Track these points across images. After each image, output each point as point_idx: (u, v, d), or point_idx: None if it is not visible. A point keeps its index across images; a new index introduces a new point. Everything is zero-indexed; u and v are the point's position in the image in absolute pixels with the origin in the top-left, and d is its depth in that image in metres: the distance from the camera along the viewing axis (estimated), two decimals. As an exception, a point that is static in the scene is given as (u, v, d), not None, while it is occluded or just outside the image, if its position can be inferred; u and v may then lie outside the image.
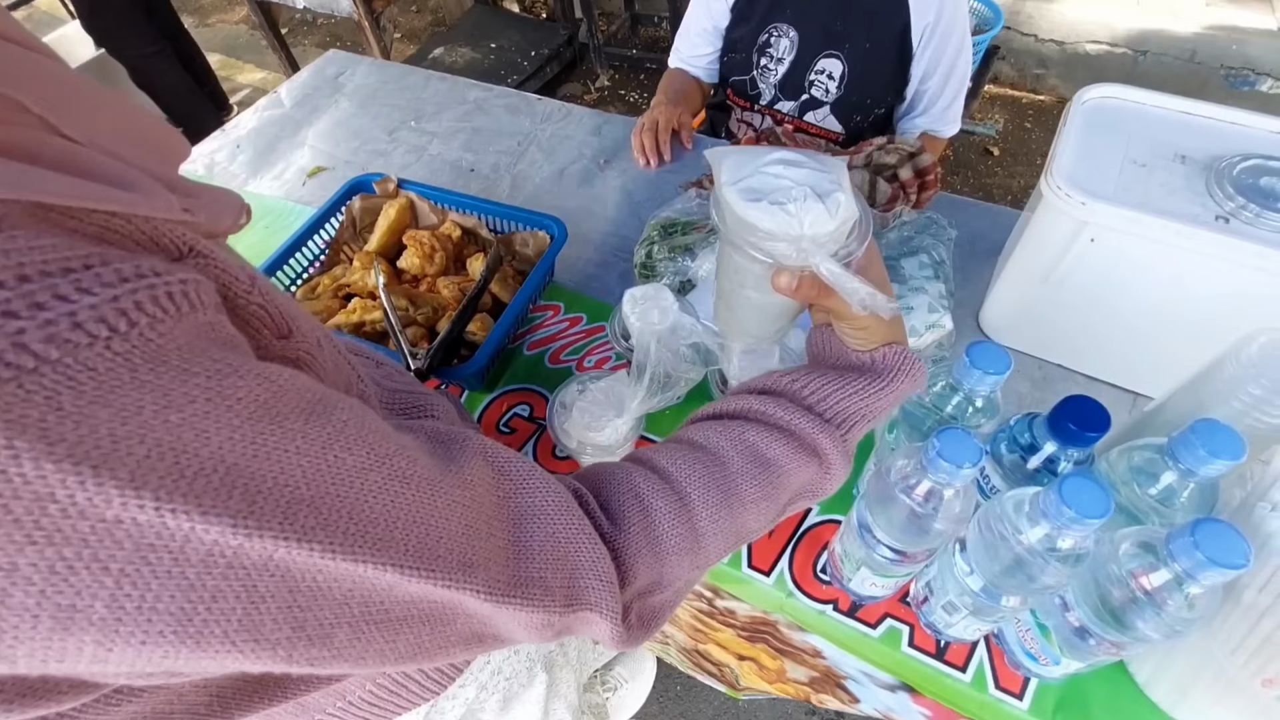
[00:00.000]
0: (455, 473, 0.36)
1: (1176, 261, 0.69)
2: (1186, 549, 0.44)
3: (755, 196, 0.42)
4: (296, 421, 0.29)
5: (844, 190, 0.42)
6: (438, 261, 0.98)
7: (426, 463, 0.34)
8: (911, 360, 0.48)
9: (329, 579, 0.29)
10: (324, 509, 0.28)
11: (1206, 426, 0.48)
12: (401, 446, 0.33)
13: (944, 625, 0.65)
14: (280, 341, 0.35)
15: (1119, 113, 0.79)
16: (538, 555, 0.38)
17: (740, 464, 0.46)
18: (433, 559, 0.32)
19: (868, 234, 0.44)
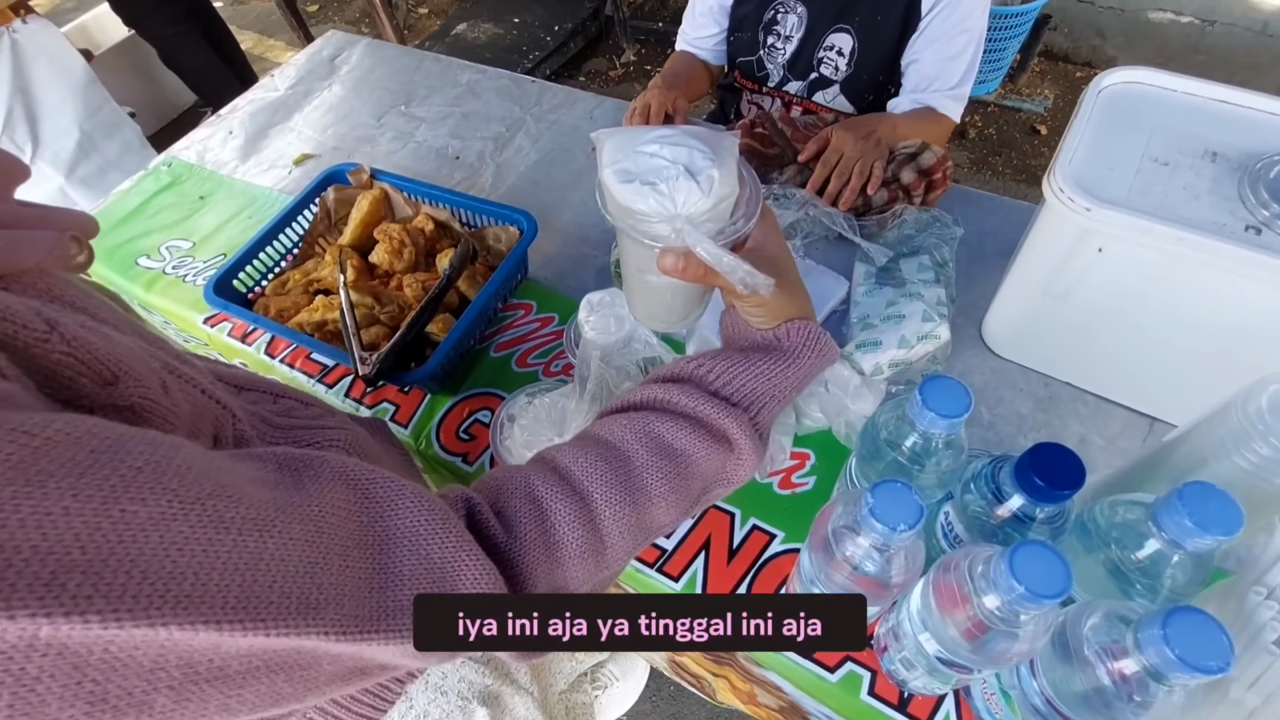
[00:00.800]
0: (301, 504, 0.32)
1: (1197, 276, 0.60)
2: (1156, 643, 0.38)
3: (629, 178, 0.40)
4: (66, 479, 0.25)
5: (720, 166, 0.40)
6: (406, 257, 0.95)
7: (258, 498, 0.31)
8: (816, 335, 0.47)
9: (126, 648, 0.26)
10: (105, 573, 0.25)
11: (1197, 492, 0.41)
12: (221, 486, 0.30)
13: (904, 677, 0.59)
14: (105, 389, 0.32)
15: (1143, 101, 0.69)
16: (407, 582, 0.35)
17: (645, 457, 0.44)
18: (261, 607, 0.29)
19: (756, 209, 0.43)
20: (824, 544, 0.48)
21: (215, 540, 0.28)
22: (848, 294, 0.88)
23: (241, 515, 0.29)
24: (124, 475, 0.27)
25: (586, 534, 0.41)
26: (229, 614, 0.27)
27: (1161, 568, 0.45)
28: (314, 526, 0.32)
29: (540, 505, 0.41)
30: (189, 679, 0.28)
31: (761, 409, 0.46)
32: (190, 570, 0.27)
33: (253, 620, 0.28)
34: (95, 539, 0.25)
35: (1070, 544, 0.51)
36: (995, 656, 0.46)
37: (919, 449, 0.51)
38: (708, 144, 0.40)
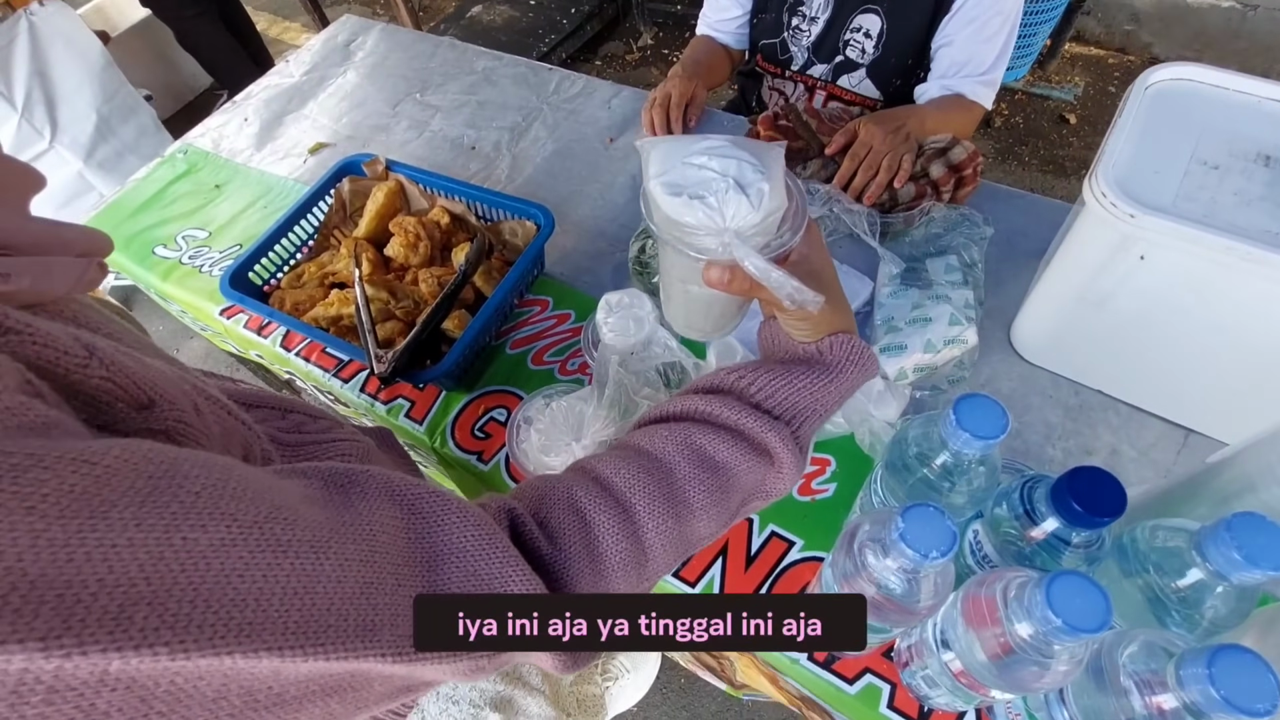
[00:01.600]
0: (352, 522, 0.32)
1: (1245, 288, 0.57)
2: (1200, 681, 0.36)
3: (677, 190, 0.39)
4: (129, 509, 0.25)
5: (770, 180, 0.39)
6: (422, 251, 0.93)
7: (312, 519, 0.31)
8: (859, 349, 0.46)
9: (191, 678, 0.26)
10: (170, 603, 0.25)
11: (1246, 524, 0.39)
12: (277, 508, 0.29)
13: (925, 694, 0.58)
14: (140, 413, 0.32)
15: (1192, 99, 0.65)
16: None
17: (687, 469, 0.43)
18: (321, 632, 0.28)
19: (802, 223, 0.43)
20: (850, 564, 0.47)
21: (275, 564, 0.28)
22: (872, 295, 0.86)
23: (298, 537, 0.29)
24: (184, 501, 0.26)
25: (630, 546, 0.41)
26: (290, 639, 0.27)
27: (1203, 598, 0.43)
28: (367, 546, 0.32)
29: (584, 517, 0.41)
30: (249, 706, 0.28)
31: (803, 423, 0.45)
32: (251, 596, 0.27)
33: (314, 645, 0.28)
34: (159, 569, 0.25)
35: (1106, 567, 0.49)
36: (1023, 683, 0.44)
37: (950, 467, 0.49)
38: (756, 156, 0.40)
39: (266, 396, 0.52)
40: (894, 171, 0.89)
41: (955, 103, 1.03)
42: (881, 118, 0.96)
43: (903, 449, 0.52)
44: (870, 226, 0.87)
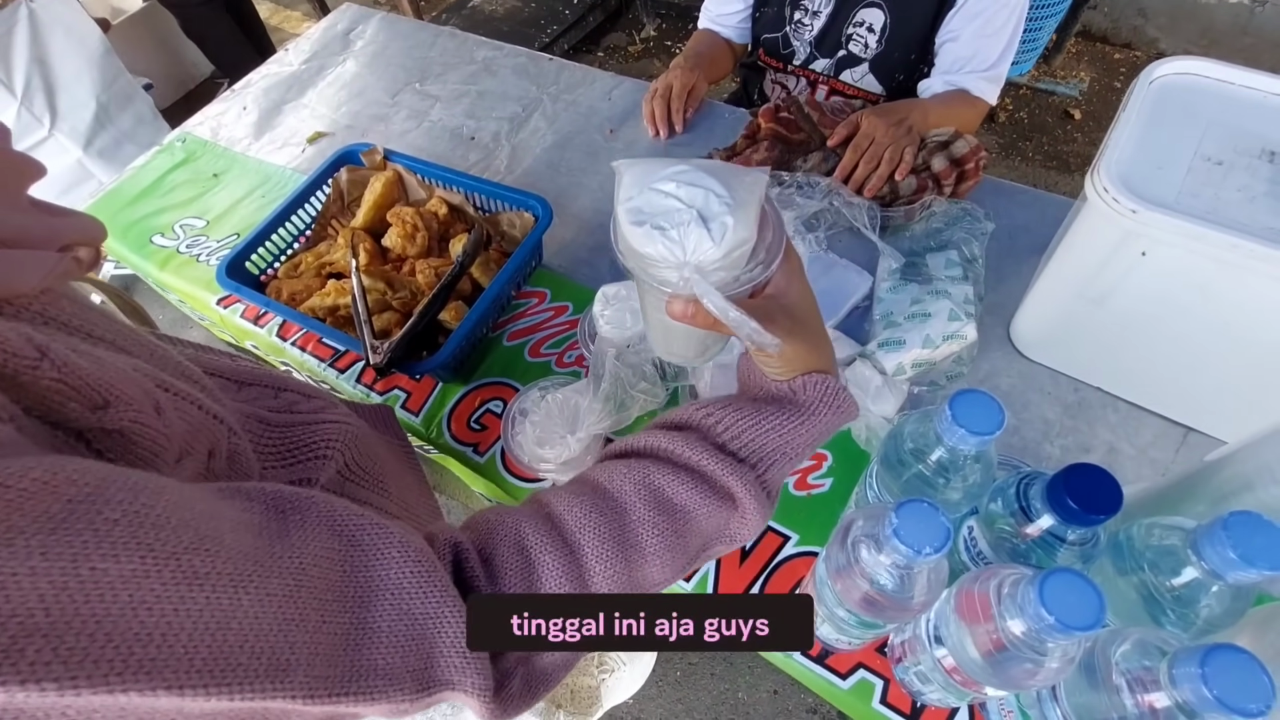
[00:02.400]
0: (283, 554, 0.31)
1: (1247, 285, 0.57)
2: (1192, 680, 0.36)
3: (641, 219, 0.37)
4: (37, 536, 0.24)
5: (737, 212, 0.37)
6: (419, 242, 0.93)
7: (240, 549, 0.30)
8: (834, 391, 0.43)
9: (85, 710, 0.25)
10: (68, 637, 0.24)
11: (1244, 522, 0.39)
12: (201, 538, 0.28)
13: (918, 689, 0.58)
14: (95, 413, 0.31)
15: (1197, 94, 0.65)
16: (385, 639, 0.34)
17: (642, 510, 0.42)
18: (229, 670, 0.28)
19: (777, 255, 0.40)
20: (844, 559, 0.47)
21: (188, 598, 0.27)
22: (871, 290, 0.85)
23: (218, 570, 0.28)
24: (98, 529, 0.25)
25: (574, 589, 0.40)
26: (194, 678, 0.26)
27: (1199, 597, 0.43)
28: (294, 581, 0.31)
29: (528, 556, 0.40)
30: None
31: (770, 466, 0.43)
32: (158, 631, 0.26)
33: (218, 684, 0.27)
34: (60, 601, 0.24)
35: (1101, 565, 0.49)
36: (1016, 680, 0.44)
37: (945, 463, 0.49)
38: (728, 184, 0.38)
39: (262, 374, 0.51)
40: (895, 164, 0.88)
41: (959, 98, 1.02)
42: (884, 110, 0.95)
43: (898, 444, 0.52)
44: (870, 220, 0.86)
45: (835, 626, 0.55)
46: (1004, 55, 1.00)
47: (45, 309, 0.35)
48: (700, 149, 1.04)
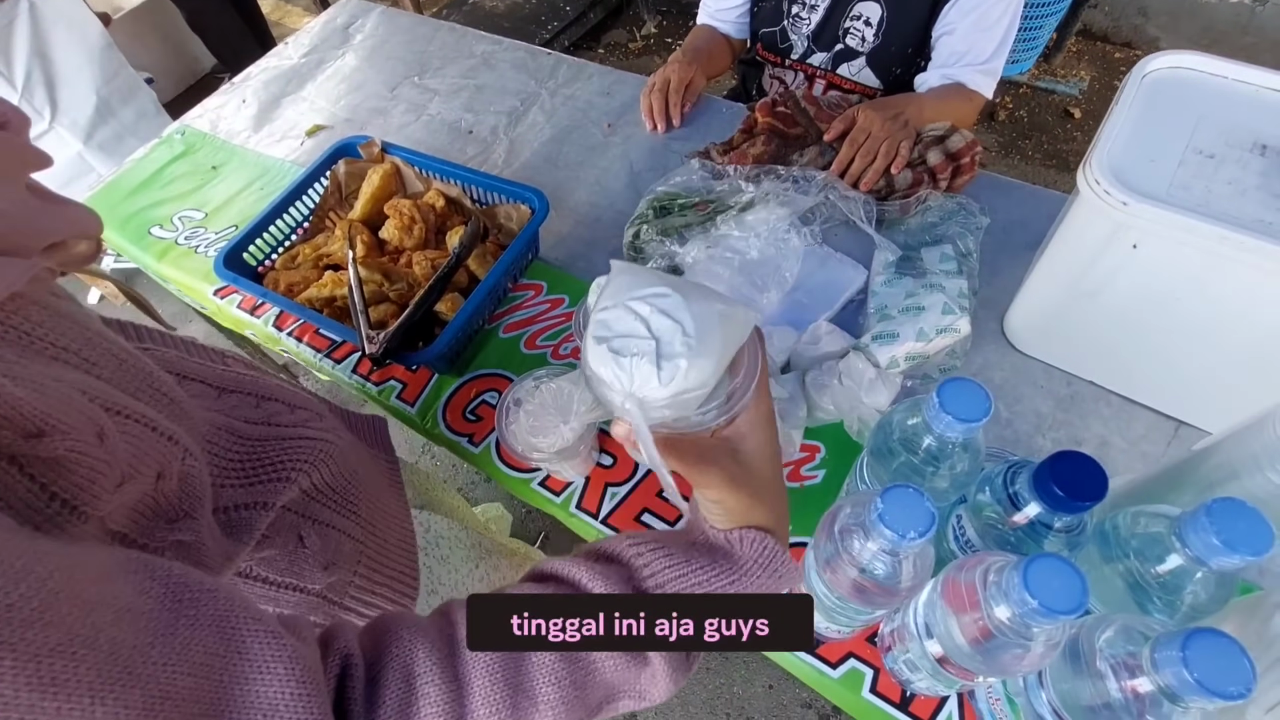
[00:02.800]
0: (158, 658, 0.29)
1: (1238, 278, 0.57)
2: (1174, 664, 0.36)
3: (602, 335, 0.36)
4: None
5: (698, 357, 0.35)
6: (416, 234, 0.93)
7: (113, 648, 0.28)
8: (773, 553, 0.40)
9: None
10: None
11: (1226, 509, 0.39)
12: (71, 638, 0.27)
13: (907, 678, 0.58)
14: (29, 441, 0.30)
15: (1190, 88, 0.65)
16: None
17: (544, 654, 0.39)
18: None
19: (737, 404, 0.38)
20: (831, 545, 0.47)
21: (38, 706, 0.25)
22: (866, 283, 0.86)
23: (79, 677, 0.26)
24: None
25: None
26: None
27: (1183, 584, 0.43)
28: (159, 692, 0.29)
29: (412, 686, 0.37)
30: None
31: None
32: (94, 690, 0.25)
33: None
34: None
35: (1088, 553, 0.49)
36: (1002, 666, 0.44)
37: (934, 451, 0.49)
38: (704, 323, 0.36)
39: (246, 382, 0.50)
40: (891, 158, 0.89)
41: (955, 91, 1.02)
42: (880, 104, 0.95)
43: (887, 433, 0.52)
44: (866, 214, 0.87)
45: (825, 614, 0.55)
46: (1000, 49, 1.01)
47: (7, 318, 0.34)
48: (698, 143, 1.04)
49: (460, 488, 1.73)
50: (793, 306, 0.84)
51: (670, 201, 0.94)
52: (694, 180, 0.97)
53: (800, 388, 0.74)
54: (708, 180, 0.97)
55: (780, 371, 0.76)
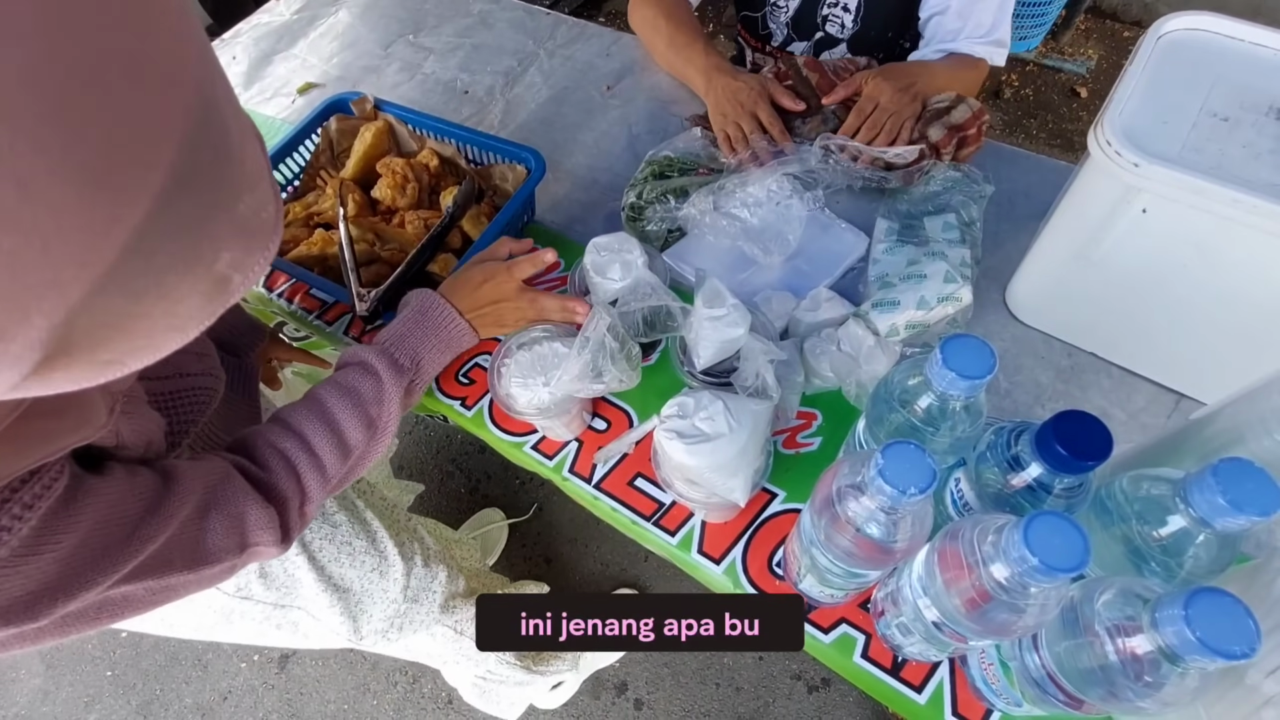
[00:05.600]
0: (168, 501, 0.48)
1: (1248, 245, 0.56)
2: (1176, 623, 0.35)
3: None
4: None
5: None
6: (409, 193, 0.91)
7: (144, 504, 0.46)
8: (424, 295, 0.70)
9: (115, 599, 0.46)
10: (113, 557, 0.43)
11: (1233, 469, 0.38)
12: (147, 506, 0.47)
13: (899, 643, 0.58)
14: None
15: (1206, 50, 0.63)
16: (219, 532, 0.51)
17: (333, 398, 0.62)
18: (157, 566, 0.47)
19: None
20: (828, 504, 0.46)
21: (156, 535, 0.46)
22: (867, 251, 0.84)
23: (150, 528, 0.45)
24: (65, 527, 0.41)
25: (309, 459, 0.59)
26: (147, 573, 0.46)
27: (1185, 547, 0.43)
28: (175, 519, 0.47)
29: (279, 449, 0.58)
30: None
31: (392, 344, 0.66)
32: (126, 554, 0.43)
33: (154, 574, 0.46)
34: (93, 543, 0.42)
35: (1085, 518, 0.48)
36: (998, 628, 0.44)
37: (935, 411, 0.48)
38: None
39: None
40: (893, 136, 0.86)
41: (963, 61, 0.99)
42: (891, 72, 0.92)
43: (888, 391, 0.51)
44: (869, 180, 0.85)
45: (818, 578, 0.55)
46: (999, 18, 0.96)
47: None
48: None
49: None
50: (793, 273, 0.82)
51: (669, 166, 0.92)
52: (694, 145, 0.95)
53: (798, 354, 0.73)
54: (708, 147, 0.95)
55: (780, 338, 0.75)
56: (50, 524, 0.38)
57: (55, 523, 0.38)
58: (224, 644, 1.54)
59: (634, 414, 0.76)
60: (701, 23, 1.08)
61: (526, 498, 1.63)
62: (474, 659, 1.06)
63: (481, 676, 1.16)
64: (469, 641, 1.02)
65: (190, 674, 1.53)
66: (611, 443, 0.69)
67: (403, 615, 0.85)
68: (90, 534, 0.40)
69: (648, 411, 0.76)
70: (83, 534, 0.40)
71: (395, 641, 0.87)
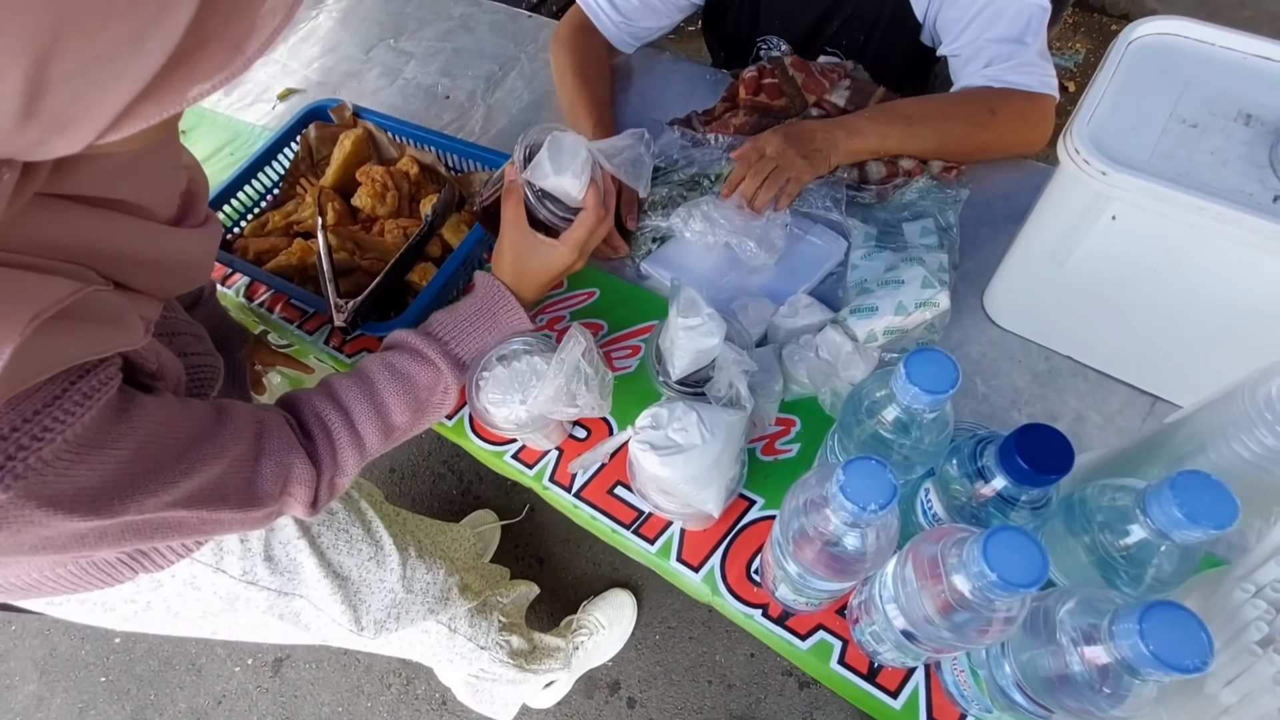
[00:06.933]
0: (222, 434, 0.52)
1: (1217, 250, 0.56)
2: (1130, 637, 0.36)
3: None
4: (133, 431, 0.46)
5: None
6: (389, 201, 0.91)
7: (197, 434, 0.50)
8: (491, 283, 0.70)
9: (157, 520, 0.48)
10: (158, 480, 0.46)
11: (1190, 482, 0.38)
12: (205, 435, 0.51)
13: (874, 649, 0.58)
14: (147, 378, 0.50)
15: (1177, 55, 0.63)
16: (268, 477, 0.55)
17: (384, 379, 0.63)
18: (212, 498, 0.51)
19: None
20: (796, 519, 0.47)
21: (210, 460, 0.50)
22: (845, 256, 0.84)
23: (204, 453, 0.50)
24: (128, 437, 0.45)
25: (350, 434, 0.61)
26: (202, 504, 0.50)
27: (1147, 557, 0.43)
28: (225, 453, 0.51)
29: (322, 419, 0.61)
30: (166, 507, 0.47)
31: (452, 339, 0.67)
32: (195, 484, 0.48)
33: (209, 506, 0.50)
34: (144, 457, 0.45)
35: (1054, 526, 0.49)
36: (964, 638, 0.44)
37: (902, 422, 0.48)
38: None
39: (167, 324, 0.64)
40: (774, 192, 0.80)
41: (987, 103, 0.81)
42: (791, 134, 0.83)
43: (857, 404, 0.51)
44: (835, 202, 0.85)
45: (791, 587, 0.55)
46: (1022, 40, 0.81)
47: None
48: (679, 111, 1.01)
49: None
50: (772, 278, 0.83)
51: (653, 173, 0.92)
52: (673, 149, 0.95)
53: (777, 360, 0.73)
54: (687, 149, 0.95)
55: (756, 345, 0.75)
56: (108, 425, 0.42)
57: (113, 426, 0.42)
58: (218, 648, 1.54)
59: (614, 423, 0.77)
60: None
61: (518, 499, 1.64)
62: (467, 656, 1.07)
63: (474, 675, 1.17)
64: (462, 639, 1.02)
65: (184, 678, 1.53)
66: (586, 453, 0.69)
67: (400, 605, 0.86)
68: (145, 444, 0.44)
69: (627, 420, 0.76)
70: (138, 441, 0.44)
71: (394, 632, 0.87)
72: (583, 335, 0.63)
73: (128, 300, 0.45)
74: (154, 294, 0.50)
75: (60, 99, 0.27)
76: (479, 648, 1.06)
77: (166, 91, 0.29)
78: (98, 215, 0.43)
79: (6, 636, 1.63)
